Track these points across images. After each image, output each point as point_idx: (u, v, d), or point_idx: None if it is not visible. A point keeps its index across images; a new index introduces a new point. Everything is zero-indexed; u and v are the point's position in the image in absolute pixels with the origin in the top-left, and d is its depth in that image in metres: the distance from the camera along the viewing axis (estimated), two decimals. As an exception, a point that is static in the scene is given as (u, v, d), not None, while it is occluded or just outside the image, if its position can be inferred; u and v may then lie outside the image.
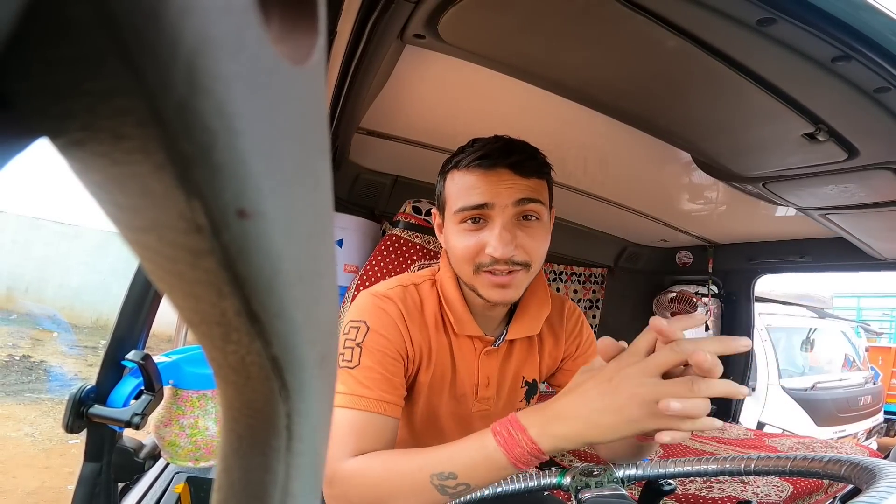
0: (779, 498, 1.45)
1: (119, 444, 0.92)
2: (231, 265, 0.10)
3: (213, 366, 0.14)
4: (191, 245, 0.09)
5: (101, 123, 0.08)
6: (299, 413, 0.15)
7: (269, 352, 0.12)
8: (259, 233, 0.10)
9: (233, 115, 0.09)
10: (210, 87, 0.08)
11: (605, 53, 0.89)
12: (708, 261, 2.55)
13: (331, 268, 0.14)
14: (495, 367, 0.84)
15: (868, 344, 5.47)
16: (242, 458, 0.15)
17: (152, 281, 0.11)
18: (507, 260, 0.70)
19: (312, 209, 0.12)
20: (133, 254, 0.11)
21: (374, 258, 1.41)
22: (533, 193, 0.71)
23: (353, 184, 1.77)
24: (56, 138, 0.09)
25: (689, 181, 1.69)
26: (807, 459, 0.60)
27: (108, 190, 0.09)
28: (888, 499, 0.41)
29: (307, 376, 0.14)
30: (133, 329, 0.86)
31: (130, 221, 0.10)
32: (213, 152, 0.08)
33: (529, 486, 0.73)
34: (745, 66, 0.84)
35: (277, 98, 0.10)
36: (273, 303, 0.11)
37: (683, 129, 1.14)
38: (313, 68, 0.11)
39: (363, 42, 0.87)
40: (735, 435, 2.18)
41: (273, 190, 0.10)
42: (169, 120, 0.08)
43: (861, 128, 0.97)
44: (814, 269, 2.36)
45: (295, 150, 0.11)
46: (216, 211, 0.09)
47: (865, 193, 1.29)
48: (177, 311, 0.12)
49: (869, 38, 0.72)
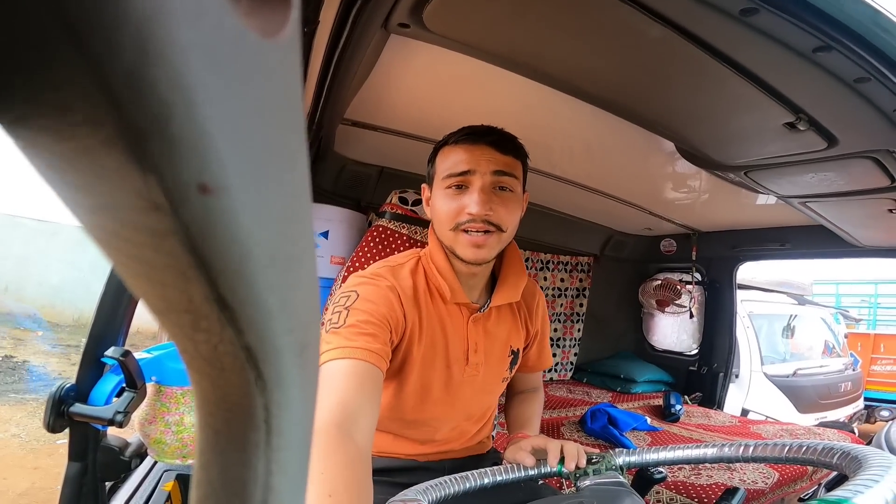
0: (765, 485, 1.48)
1: (103, 442, 0.90)
2: (195, 247, 0.09)
3: (184, 357, 0.13)
4: (150, 225, 0.09)
5: (43, 96, 0.07)
6: (278, 406, 0.14)
7: (242, 340, 0.12)
8: (223, 210, 0.09)
9: (190, 87, 0.08)
10: (163, 54, 0.07)
11: (590, 43, 0.89)
12: (692, 249, 2.59)
13: (309, 253, 0.13)
14: (482, 334, 0.91)
15: (847, 330, 5.59)
16: (220, 454, 0.15)
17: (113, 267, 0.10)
18: (482, 218, 0.79)
19: (287, 189, 0.11)
20: (91, 238, 0.10)
21: (361, 249, 1.40)
22: (508, 168, 0.82)
23: (339, 175, 1.75)
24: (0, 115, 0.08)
25: (673, 170, 1.71)
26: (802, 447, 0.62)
27: (57, 168, 0.08)
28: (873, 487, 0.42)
29: (285, 366, 0.14)
30: (112, 325, 0.84)
31: (84, 201, 0.09)
32: (169, 125, 0.08)
33: (530, 475, 0.74)
34: (728, 56, 0.85)
35: (244, 71, 0.09)
36: (243, 288, 0.10)
37: (667, 118, 1.15)
38: (286, 42, 0.10)
39: (346, 31, 0.86)
40: (721, 422, 2.23)
41: (239, 166, 0.09)
42: (117, 90, 0.07)
43: (840, 117, 0.99)
44: (794, 257, 2.41)
45: (266, 127, 0.10)
46: (174, 187, 0.08)
47: (844, 182, 1.31)
48: (141, 298, 0.11)
49: (849, 29, 0.73)
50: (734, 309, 2.63)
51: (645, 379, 2.59)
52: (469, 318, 0.89)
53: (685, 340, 2.77)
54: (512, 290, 0.92)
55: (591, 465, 0.71)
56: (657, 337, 2.90)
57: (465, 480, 0.69)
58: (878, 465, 0.46)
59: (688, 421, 2.22)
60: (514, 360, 0.97)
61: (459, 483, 0.68)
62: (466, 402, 0.92)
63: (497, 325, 0.94)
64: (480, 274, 0.89)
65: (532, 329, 1.01)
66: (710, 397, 2.58)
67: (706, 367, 2.64)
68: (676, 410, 2.20)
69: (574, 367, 2.73)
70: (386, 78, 1.18)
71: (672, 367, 2.74)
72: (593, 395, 2.45)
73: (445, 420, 0.91)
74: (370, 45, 0.95)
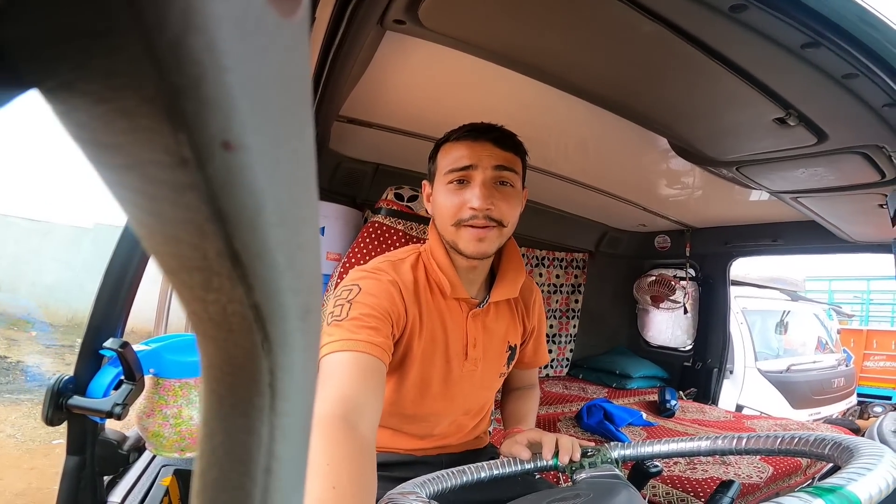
0: (760, 479, 1.50)
1: (101, 436, 0.90)
2: (214, 200, 0.10)
3: (192, 320, 0.14)
4: (174, 180, 0.10)
5: (93, 62, 0.09)
6: (283, 369, 0.15)
7: (251, 299, 0.13)
8: (243, 166, 0.10)
9: (222, 53, 0.09)
10: (203, 25, 0.09)
11: (583, 39, 0.90)
12: (685, 245, 2.61)
13: (314, 218, 0.14)
14: (481, 329, 0.92)
15: (840, 326, 5.62)
16: (224, 419, 0.15)
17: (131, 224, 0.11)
18: (484, 212, 0.81)
19: (296, 154, 0.12)
20: (114, 197, 0.11)
21: (357, 245, 1.41)
22: (509, 163, 0.84)
23: (335, 172, 1.76)
24: (43, 83, 0.09)
25: (667, 166, 1.72)
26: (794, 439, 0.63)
27: (92, 129, 0.10)
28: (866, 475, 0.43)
29: (291, 328, 0.14)
30: (110, 317, 0.85)
31: (113, 160, 0.10)
32: (201, 85, 0.09)
33: (526, 468, 0.74)
34: (719, 52, 0.86)
35: (265, 43, 0.10)
36: (255, 242, 0.11)
37: (660, 113, 1.16)
38: (299, 23, 0.11)
39: (342, 28, 0.87)
40: (715, 417, 2.25)
41: (258, 127, 0.10)
42: (161, 55, 0.09)
43: (830, 113, 1.00)
44: (786, 252, 2.44)
45: (280, 95, 0.11)
46: (202, 143, 0.10)
47: (835, 177, 1.33)
48: (156, 258, 0.12)
49: (838, 26, 0.74)
50: (728, 305, 2.65)
51: (640, 375, 2.61)
52: (468, 314, 0.91)
53: (679, 336, 2.79)
54: (511, 285, 0.93)
55: (586, 459, 0.72)
56: (652, 333, 2.92)
57: (463, 474, 0.69)
58: (869, 455, 0.47)
59: (683, 416, 2.24)
60: (512, 355, 0.99)
61: (457, 477, 0.68)
62: (465, 396, 0.93)
63: (496, 321, 0.95)
64: (480, 269, 0.90)
65: (529, 325, 1.02)
66: (705, 393, 2.60)
67: (700, 363, 2.66)
68: (672, 406, 2.22)
69: (570, 364, 2.75)
70: (381, 75, 1.18)
71: (667, 363, 2.76)
72: (589, 390, 2.47)
73: (444, 415, 0.93)
74: (366, 42, 0.96)
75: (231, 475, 0.15)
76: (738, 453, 0.70)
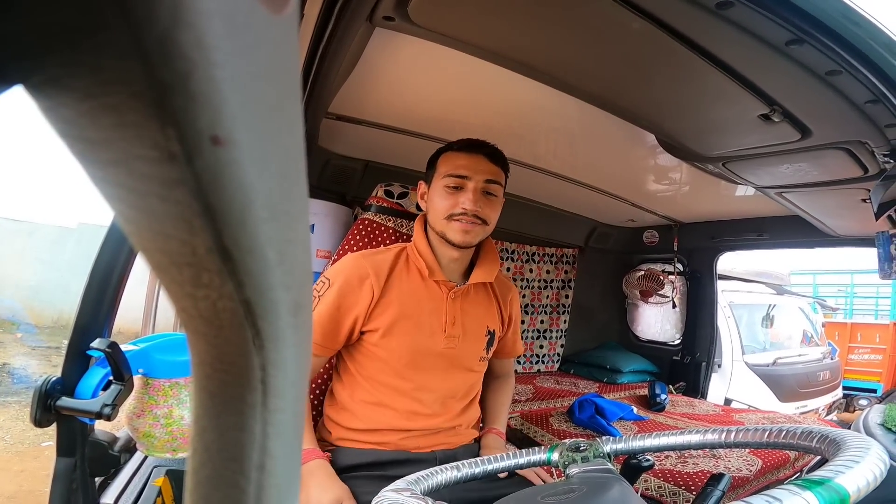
0: (749, 472, 1.52)
1: (91, 437, 0.89)
2: (203, 195, 0.10)
3: (182, 317, 0.14)
4: (163, 175, 0.10)
5: (81, 58, 0.08)
6: (274, 365, 0.15)
7: (241, 295, 0.12)
8: (232, 161, 0.10)
9: (211, 48, 0.09)
10: (192, 20, 0.09)
11: (572, 35, 0.91)
12: (673, 240, 2.63)
13: (304, 214, 0.14)
14: (459, 310, 1.07)
15: (824, 320, 5.71)
16: (216, 417, 0.15)
17: (119, 222, 0.11)
18: (473, 213, 0.99)
19: (286, 149, 0.12)
20: (99, 193, 0.11)
21: (347, 243, 1.40)
22: (496, 177, 1.03)
23: (324, 169, 1.74)
24: (29, 79, 0.09)
25: (655, 162, 1.73)
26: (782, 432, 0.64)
27: (78, 125, 0.09)
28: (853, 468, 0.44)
29: (282, 324, 0.14)
30: (97, 317, 0.83)
31: (100, 156, 0.10)
32: (190, 81, 0.09)
33: (519, 464, 0.75)
34: (705, 49, 0.87)
35: (254, 39, 0.10)
36: (245, 237, 0.11)
37: (647, 109, 1.17)
38: (288, 19, 0.11)
39: (331, 25, 0.86)
40: (704, 411, 2.27)
41: (247, 122, 0.10)
42: (150, 51, 0.09)
43: (813, 109, 1.02)
44: (772, 246, 2.47)
45: (269, 90, 0.11)
46: (190, 137, 0.09)
47: (818, 172, 1.35)
48: (144, 255, 0.12)
49: (822, 23, 0.75)
50: (715, 299, 2.68)
51: (630, 369, 2.62)
52: (448, 295, 1.05)
53: (668, 330, 2.82)
54: (487, 271, 1.09)
55: (579, 453, 0.73)
56: (641, 327, 2.95)
57: (457, 470, 0.69)
58: (856, 447, 0.48)
59: (673, 410, 2.26)
60: (491, 340, 1.13)
61: (450, 472, 0.68)
62: (449, 374, 1.04)
63: (475, 305, 1.10)
64: (461, 259, 1.07)
65: (506, 314, 1.18)
66: (694, 386, 2.63)
67: (689, 357, 2.69)
68: (662, 400, 2.24)
69: (561, 359, 2.76)
70: (371, 71, 1.18)
71: (656, 357, 2.79)
72: (580, 385, 2.48)
73: (429, 390, 1.02)
74: (355, 39, 0.95)
75: (224, 472, 0.15)
76: (728, 446, 0.71)
